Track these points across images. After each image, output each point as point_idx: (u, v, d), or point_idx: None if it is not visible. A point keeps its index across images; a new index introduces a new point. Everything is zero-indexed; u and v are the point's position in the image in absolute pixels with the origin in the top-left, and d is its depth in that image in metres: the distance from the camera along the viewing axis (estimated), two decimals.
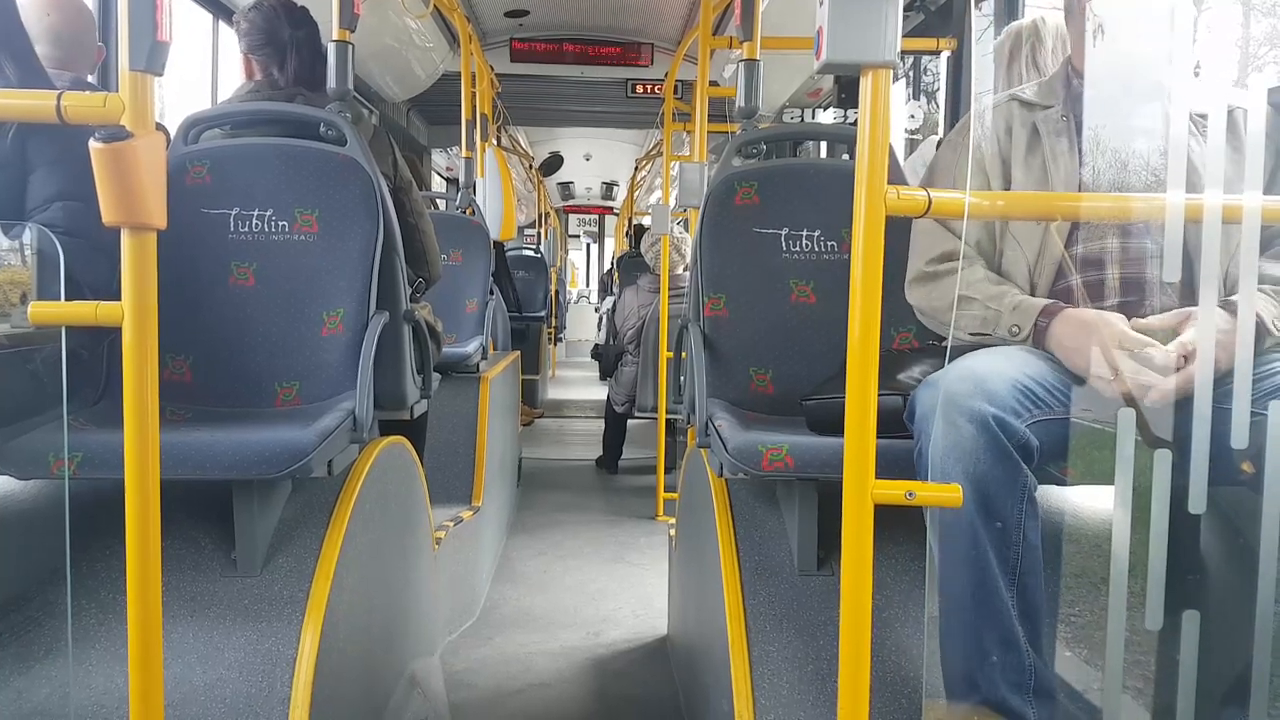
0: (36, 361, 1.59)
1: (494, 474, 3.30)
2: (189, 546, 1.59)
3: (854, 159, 0.97)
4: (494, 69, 4.98)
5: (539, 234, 10.97)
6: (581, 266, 17.16)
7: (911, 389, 1.43)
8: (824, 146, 4.73)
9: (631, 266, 7.16)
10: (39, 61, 1.61)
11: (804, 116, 5.25)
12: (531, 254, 8.04)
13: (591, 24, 5.14)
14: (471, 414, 3.19)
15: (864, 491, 0.97)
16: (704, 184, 3.02)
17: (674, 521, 2.51)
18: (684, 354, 2.06)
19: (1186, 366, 1.18)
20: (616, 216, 12.90)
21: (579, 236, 16.41)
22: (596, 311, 11.60)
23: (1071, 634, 1.38)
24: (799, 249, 1.98)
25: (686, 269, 4.64)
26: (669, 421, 4.24)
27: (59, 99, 0.95)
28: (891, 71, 0.94)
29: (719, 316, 1.97)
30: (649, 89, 5.56)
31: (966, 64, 2.87)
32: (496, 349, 4.15)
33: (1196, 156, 1.32)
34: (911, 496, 0.98)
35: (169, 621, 1.33)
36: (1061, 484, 1.37)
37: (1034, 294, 1.49)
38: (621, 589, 3.12)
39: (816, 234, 1.98)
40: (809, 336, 1.96)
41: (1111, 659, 0.92)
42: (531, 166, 9.27)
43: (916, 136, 3.56)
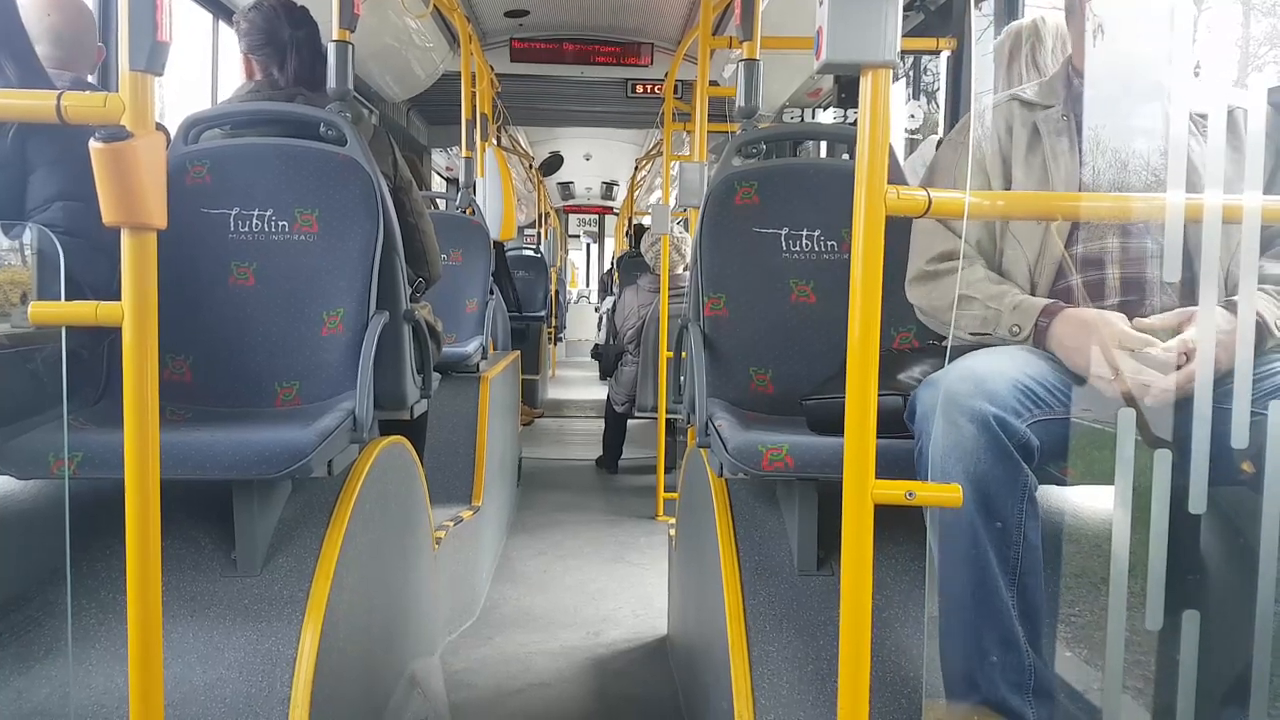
0: (37, 361, 1.59)
1: (494, 474, 3.30)
2: (189, 546, 1.59)
3: (854, 159, 0.97)
4: (494, 69, 4.98)
5: (539, 234, 10.97)
6: (581, 266, 17.16)
7: (912, 389, 1.43)
8: (824, 146, 4.72)
9: (631, 266, 7.16)
10: (39, 61, 1.61)
11: (804, 116, 5.25)
12: (531, 254, 8.04)
13: (591, 24, 5.14)
14: (471, 414, 3.19)
15: (864, 491, 0.97)
16: (704, 184, 3.02)
17: (674, 521, 2.51)
18: (684, 354, 2.06)
19: (1187, 365, 1.18)
20: (616, 216, 12.90)
21: (579, 236, 16.41)
22: (596, 311, 11.60)
23: (1071, 634, 1.38)
24: (799, 249, 1.98)
25: (686, 269, 4.64)
26: (669, 421, 4.23)
27: (59, 99, 0.95)
28: (891, 71, 0.94)
29: (719, 316, 1.97)
30: (649, 89, 5.56)
31: (966, 64, 2.87)
32: (496, 349, 4.15)
33: (1197, 156, 1.32)
34: (911, 496, 0.98)
35: (169, 621, 1.33)
36: (1061, 484, 1.37)
37: (1034, 293, 1.49)
38: (621, 589, 3.12)
39: (816, 234, 1.98)
40: (809, 336, 1.96)
41: (1111, 659, 0.92)
42: (531, 166, 9.27)
43: (916, 136, 3.56)
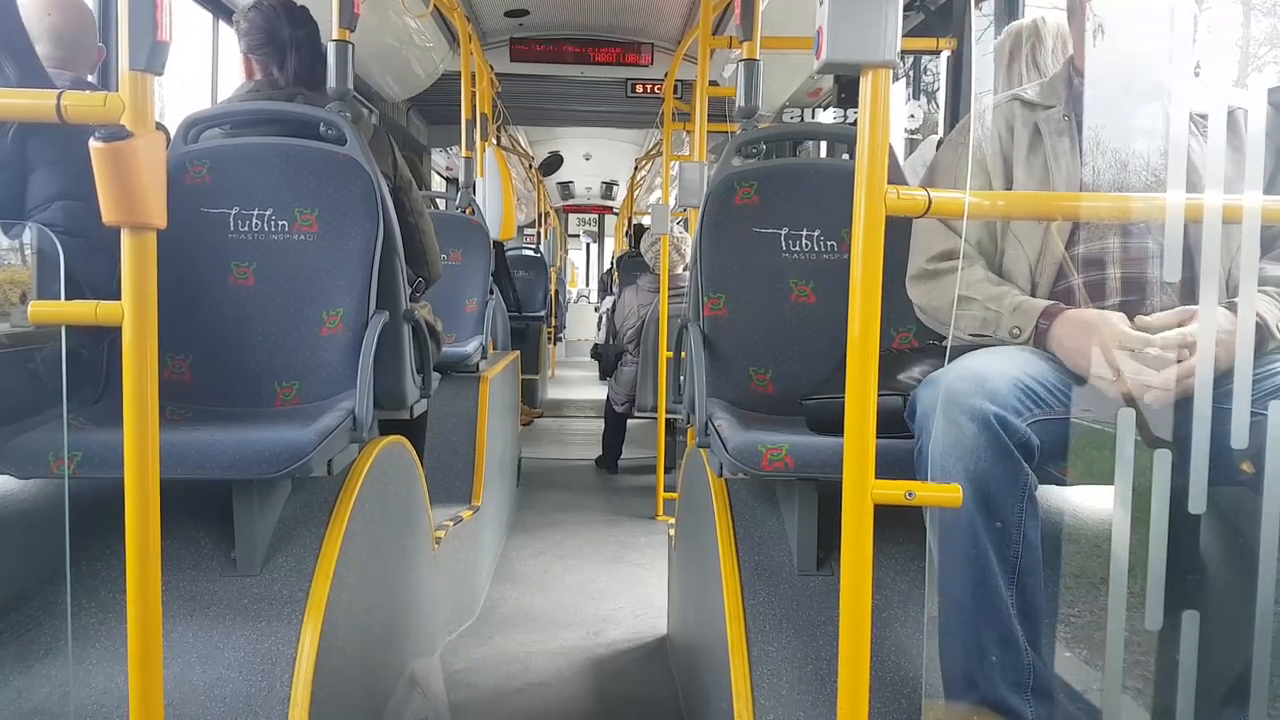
0: (36, 361, 1.59)
1: (494, 474, 3.30)
2: (189, 546, 1.59)
3: (854, 159, 0.97)
4: (494, 68, 4.97)
5: (539, 234, 10.96)
6: (581, 266, 17.16)
7: (911, 389, 1.43)
8: (824, 146, 4.73)
9: (631, 266, 7.16)
10: (39, 61, 1.61)
11: (804, 116, 5.25)
12: (531, 254, 8.03)
13: (591, 24, 5.14)
14: (471, 414, 3.19)
15: (864, 491, 0.97)
16: (704, 184, 3.02)
17: (674, 521, 2.51)
18: (684, 354, 2.06)
19: (1187, 359, 1.17)
20: (616, 216, 12.90)
21: (579, 236, 16.41)
22: (596, 311, 11.60)
23: (1071, 634, 1.38)
24: (799, 249, 1.98)
25: (686, 269, 4.64)
26: (669, 421, 4.23)
27: (59, 98, 0.95)
28: (891, 71, 0.94)
29: (719, 316, 1.97)
30: (649, 89, 5.56)
31: (966, 64, 2.87)
32: (496, 349, 4.15)
33: (1197, 156, 1.32)
34: (911, 496, 0.98)
35: (169, 621, 1.33)
36: (1061, 484, 1.37)
37: (1035, 294, 1.49)
38: (621, 589, 3.12)
39: (816, 234, 1.98)
40: (809, 336, 1.96)
41: (1111, 659, 0.92)
42: (531, 166, 9.27)
43: (916, 136, 3.56)
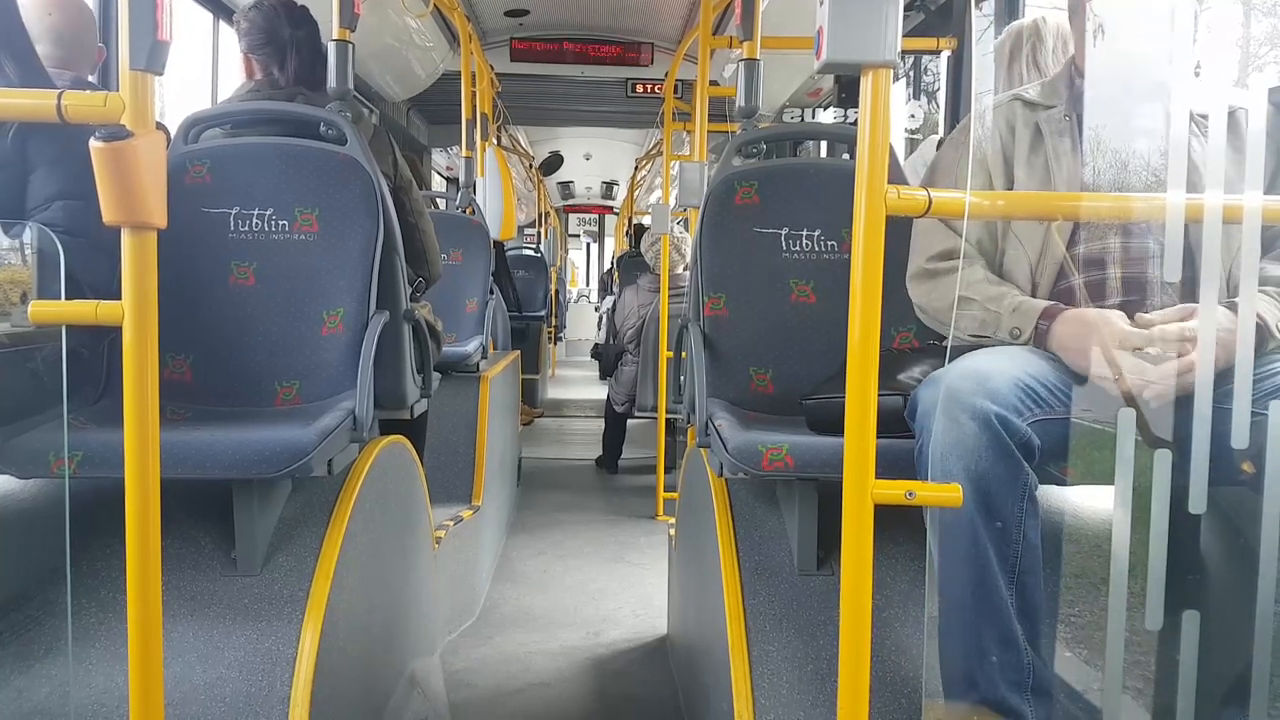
0: (37, 360, 1.59)
1: (494, 473, 3.30)
2: (189, 545, 1.59)
3: (854, 159, 0.97)
4: (494, 68, 4.97)
5: (539, 233, 10.96)
6: (581, 266, 17.16)
7: (912, 389, 1.43)
8: (824, 146, 4.72)
9: (631, 266, 7.16)
10: (39, 61, 1.61)
11: (804, 116, 5.25)
12: (531, 253, 8.03)
13: (591, 24, 5.14)
14: (471, 413, 3.19)
15: (864, 491, 0.97)
16: (704, 184, 3.02)
17: (674, 521, 2.51)
18: (684, 354, 2.06)
19: (1187, 354, 1.18)
20: (616, 216, 12.90)
21: (579, 236, 16.41)
22: (596, 311, 11.60)
23: (1072, 634, 1.38)
24: (799, 249, 1.98)
25: (686, 269, 4.64)
26: (669, 421, 4.23)
27: (59, 98, 0.95)
28: (892, 71, 0.94)
29: (719, 316, 1.97)
30: (649, 88, 5.56)
31: (967, 64, 2.87)
32: (496, 348, 4.15)
33: (1198, 156, 1.32)
34: (911, 496, 0.98)
35: (169, 620, 1.33)
36: (1062, 484, 1.37)
37: (1035, 294, 1.49)
38: (621, 589, 3.12)
39: (816, 234, 1.98)
40: (809, 336, 1.96)
41: (1111, 659, 0.92)
42: (531, 166, 9.27)
43: (916, 136, 3.56)
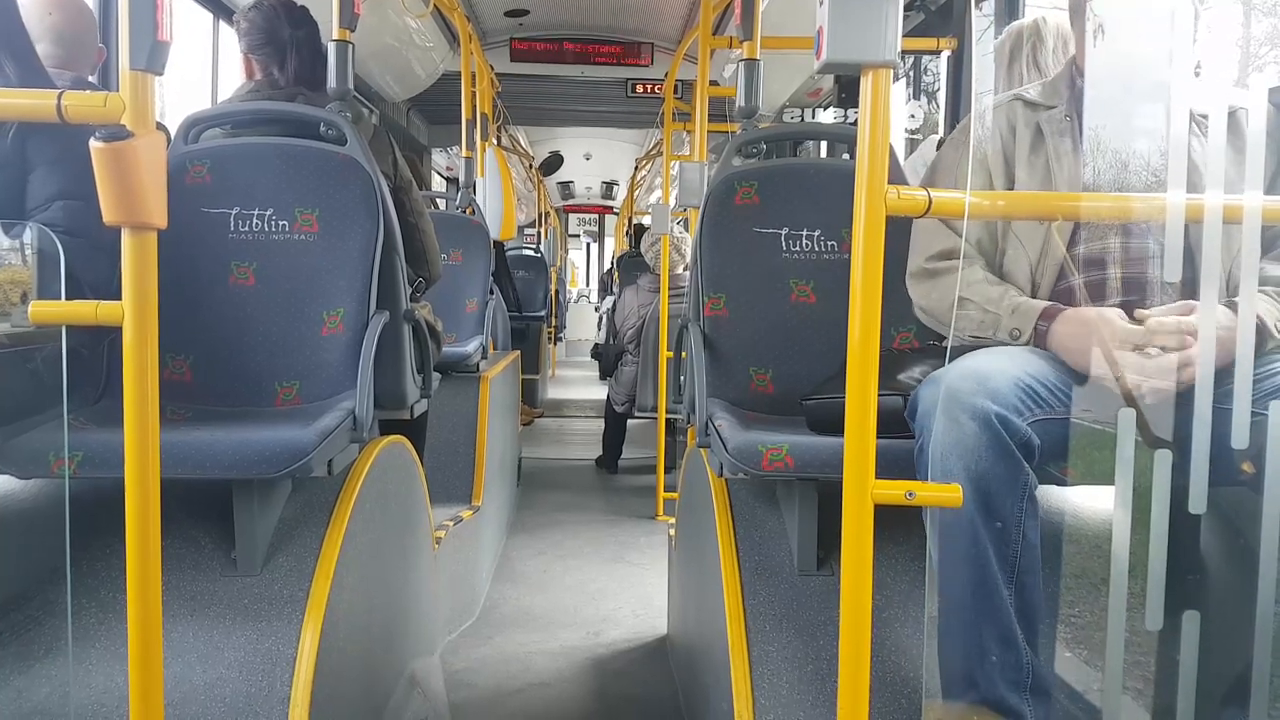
0: (37, 360, 1.59)
1: (494, 474, 3.30)
2: (189, 546, 1.59)
3: (854, 159, 0.97)
4: (494, 68, 4.97)
5: (539, 233, 10.96)
6: (581, 266, 17.15)
7: (912, 389, 1.43)
8: (824, 146, 4.73)
9: (631, 266, 7.15)
10: (39, 61, 1.61)
11: (804, 116, 5.25)
12: (531, 253, 8.03)
13: (591, 24, 5.14)
14: (471, 414, 3.19)
15: (864, 491, 0.97)
16: (704, 184, 3.02)
17: (674, 521, 2.51)
18: (684, 354, 2.06)
19: (1189, 346, 1.18)
20: (616, 216, 12.90)
21: (579, 236, 16.41)
22: (596, 311, 11.60)
23: (1072, 634, 1.38)
24: (799, 249, 1.98)
25: (686, 269, 4.64)
26: (669, 421, 4.23)
27: (59, 98, 0.95)
28: (892, 71, 0.94)
29: (719, 316, 1.97)
30: (649, 89, 5.56)
31: (967, 64, 2.87)
32: (496, 348, 4.15)
33: (1198, 156, 1.32)
34: (911, 496, 0.98)
35: (169, 621, 1.33)
36: (1062, 484, 1.37)
37: (1035, 294, 1.49)
38: (621, 589, 3.11)
39: (816, 234, 1.98)
40: (809, 336, 1.96)
41: (1111, 659, 0.92)
42: (531, 166, 9.27)
43: (917, 136, 3.56)
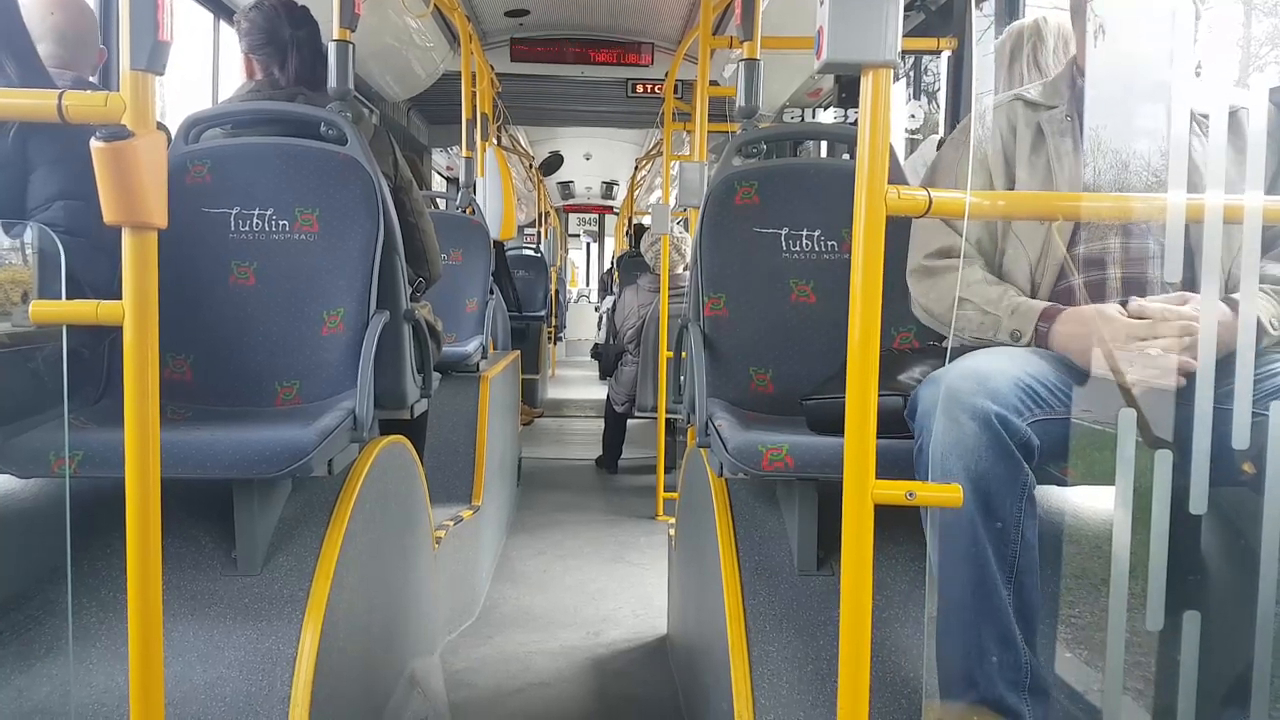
0: (37, 360, 1.59)
1: (494, 473, 3.30)
2: (189, 545, 1.59)
3: (854, 159, 0.97)
4: (494, 68, 4.98)
5: (539, 233, 10.96)
6: (581, 266, 17.16)
7: (912, 389, 1.43)
8: (824, 146, 4.73)
9: (631, 266, 7.15)
10: (40, 61, 1.61)
11: (804, 116, 5.25)
12: (531, 253, 8.03)
13: (591, 23, 5.14)
14: (471, 413, 3.19)
15: (864, 491, 0.97)
16: (704, 183, 3.02)
17: (674, 521, 2.51)
18: (684, 354, 2.06)
19: (1189, 329, 1.19)
20: (616, 216, 12.90)
21: (579, 236, 16.41)
22: (596, 311, 11.60)
23: (1073, 635, 1.38)
24: (799, 249, 1.98)
25: (686, 269, 4.64)
26: (669, 421, 4.23)
27: (60, 98, 0.95)
28: (892, 71, 0.94)
29: (719, 316, 1.97)
30: (649, 88, 5.56)
31: (967, 64, 2.87)
32: (496, 348, 4.15)
33: (1199, 156, 1.32)
34: (912, 496, 0.98)
35: (169, 620, 1.33)
36: (1062, 484, 1.37)
37: (1035, 294, 1.49)
38: (621, 589, 3.12)
39: (817, 234, 1.98)
40: (809, 336, 1.96)
41: (1112, 660, 0.92)
42: (531, 166, 9.27)
43: (917, 136, 3.56)
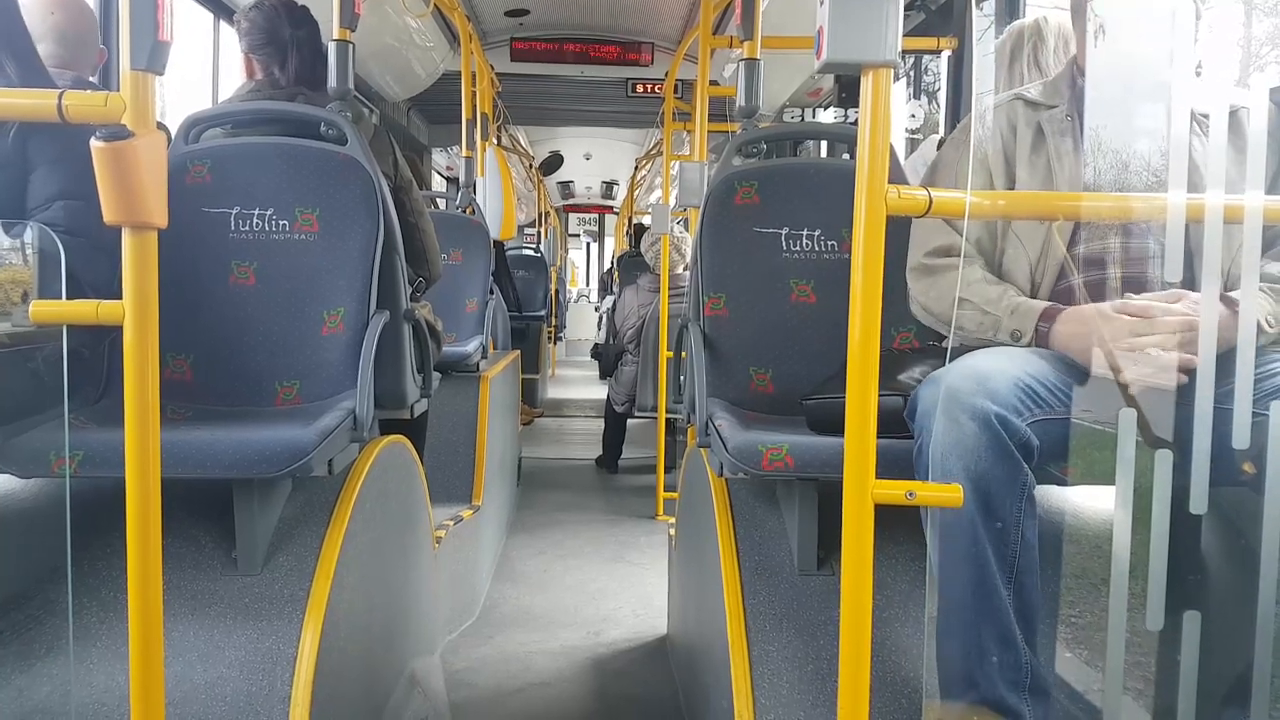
0: (38, 360, 1.59)
1: (494, 473, 3.30)
2: (190, 545, 1.59)
3: (854, 159, 0.97)
4: (494, 68, 4.98)
5: (539, 233, 10.97)
6: (581, 266, 17.16)
7: (912, 389, 1.43)
8: (824, 146, 4.72)
9: (631, 266, 7.16)
10: (40, 61, 1.61)
11: (804, 116, 5.25)
12: (531, 253, 8.04)
13: (591, 23, 5.14)
14: (471, 413, 3.19)
15: (864, 491, 0.97)
16: (704, 183, 3.02)
17: (674, 521, 2.51)
18: (684, 353, 2.06)
19: (1189, 322, 1.20)
20: (616, 216, 12.90)
21: (579, 236, 16.41)
22: (596, 311, 11.60)
23: (1073, 635, 1.38)
24: (799, 248, 1.98)
25: (686, 268, 4.64)
26: (669, 421, 4.23)
27: (60, 98, 0.95)
28: (892, 71, 0.94)
29: (719, 316, 1.97)
30: (649, 88, 5.56)
31: (967, 63, 2.87)
32: (496, 348, 4.15)
33: (1199, 156, 1.32)
34: (912, 496, 0.98)
35: (170, 620, 1.33)
36: (1062, 484, 1.37)
37: (1035, 294, 1.49)
38: (621, 588, 3.12)
39: (817, 233, 1.98)
40: (809, 336, 1.96)
41: (1112, 660, 0.92)
42: (531, 166, 9.27)
43: (917, 136, 3.56)
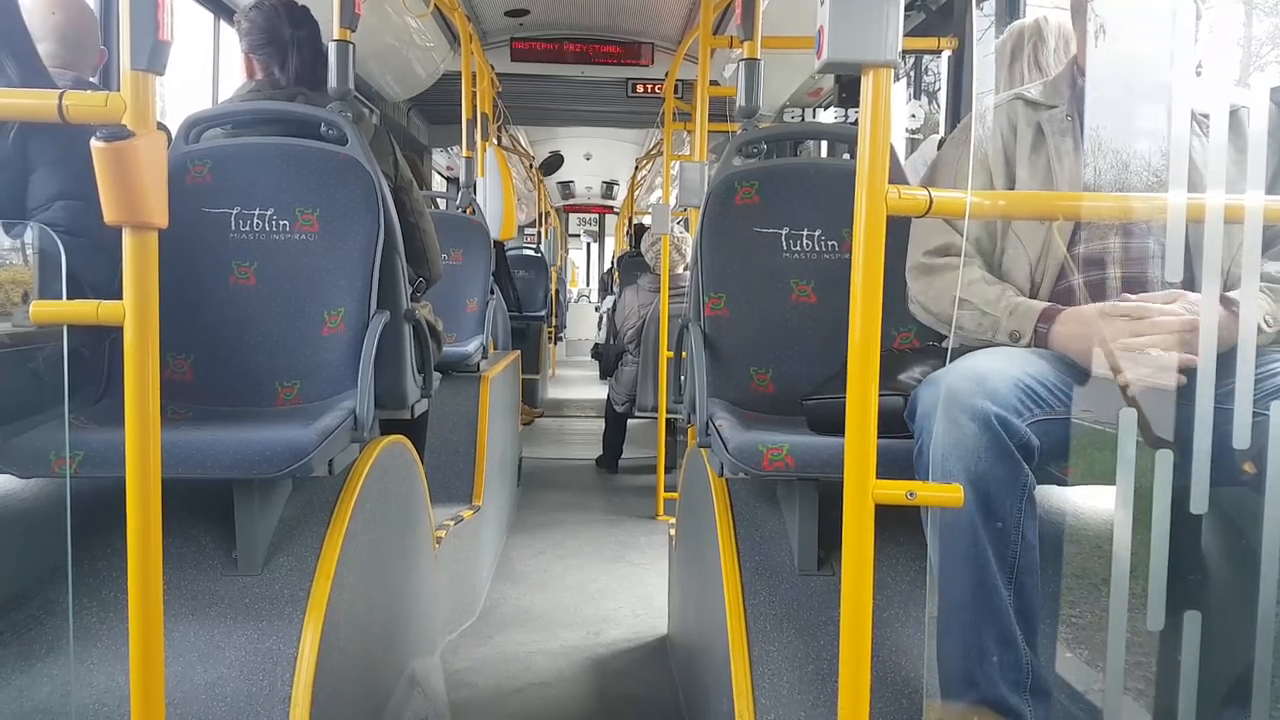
0: (38, 360, 1.59)
1: (494, 473, 3.30)
2: (190, 545, 1.60)
3: (855, 158, 0.97)
4: (494, 68, 4.98)
5: (539, 233, 10.97)
6: (582, 266, 17.16)
7: (912, 389, 1.43)
8: (824, 146, 4.73)
9: (632, 266, 7.16)
10: (41, 61, 1.61)
11: (804, 116, 5.25)
12: (532, 253, 8.04)
13: (592, 23, 5.14)
14: (472, 413, 3.19)
15: (864, 491, 0.97)
16: (704, 183, 3.02)
17: (674, 521, 2.51)
18: (684, 354, 2.06)
19: (1188, 320, 1.20)
20: (617, 216, 12.90)
21: (579, 236, 16.41)
22: (597, 311, 11.60)
23: (1073, 635, 1.38)
24: (799, 248, 1.98)
25: (686, 268, 4.64)
26: (669, 421, 4.23)
27: (61, 98, 0.95)
28: (892, 71, 0.94)
29: (719, 316, 1.97)
30: (649, 88, 5.56)
31: (968, 63, 2.87)
32: (497, 348, 4.15)
33: (1199, 156, 1.32)
34: (912, 496, 0.98)
35: (170, 620, 1.33)
36: (1062, 484, 1.37)
37: (1035, 294, 1.49)
38: (621, 588, 3.12)
39: (817, 233, 1.98)
40: (809, 336, 1.96)
41: (1112, 660, 0.92)
42: (532, 166, 9.28)
43: (917, 136, 3.56)
